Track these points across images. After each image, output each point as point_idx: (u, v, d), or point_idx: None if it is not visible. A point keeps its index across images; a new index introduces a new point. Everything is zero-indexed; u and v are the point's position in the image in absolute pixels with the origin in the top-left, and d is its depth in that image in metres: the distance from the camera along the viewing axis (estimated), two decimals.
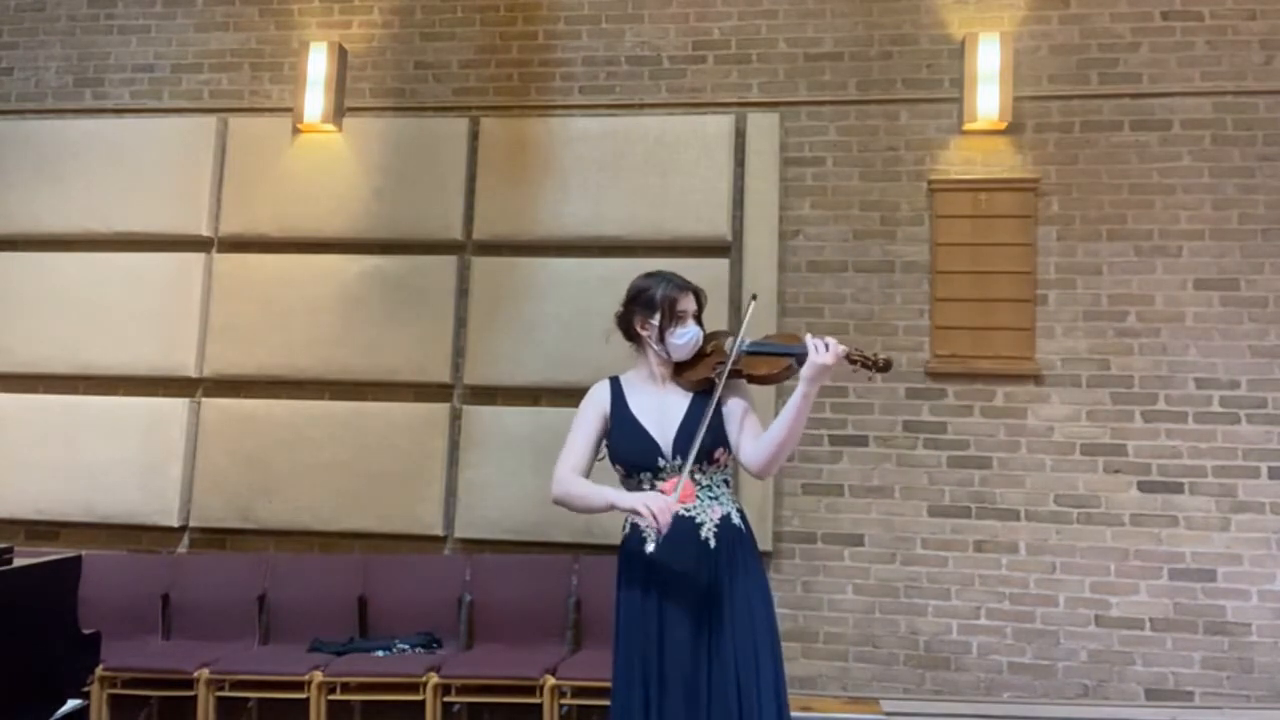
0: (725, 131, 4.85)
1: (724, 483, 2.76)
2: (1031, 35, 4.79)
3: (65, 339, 5.01)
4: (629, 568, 2.72)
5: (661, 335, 2.75)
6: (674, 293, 2.75)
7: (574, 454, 2.76)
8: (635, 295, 2.80)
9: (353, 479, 4.82)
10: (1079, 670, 4.47)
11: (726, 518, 2.71)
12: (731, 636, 2.61)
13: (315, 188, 5.01)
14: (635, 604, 2.67)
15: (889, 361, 2.64)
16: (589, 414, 2.79)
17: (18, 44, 5.38)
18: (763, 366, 2.72)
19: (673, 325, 2.74)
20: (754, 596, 2.67)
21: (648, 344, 2.79)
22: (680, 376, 2.79)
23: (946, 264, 4.71)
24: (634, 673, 2.64)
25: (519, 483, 4.74)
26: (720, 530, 2.68)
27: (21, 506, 4.85)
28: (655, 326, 2.75)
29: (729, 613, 2.62)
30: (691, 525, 2.66)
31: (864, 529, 4.63)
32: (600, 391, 2.82)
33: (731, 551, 2.68)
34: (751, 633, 2.63)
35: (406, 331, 4.88)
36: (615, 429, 2.75)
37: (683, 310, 2.75)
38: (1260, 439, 4.49)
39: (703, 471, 2.70)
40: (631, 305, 2.80)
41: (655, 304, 2.74)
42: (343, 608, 4.63)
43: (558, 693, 4.09)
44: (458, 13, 5.14)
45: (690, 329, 2.76)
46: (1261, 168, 4.61)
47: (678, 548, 2.61)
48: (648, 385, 2.80)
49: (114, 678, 4.22)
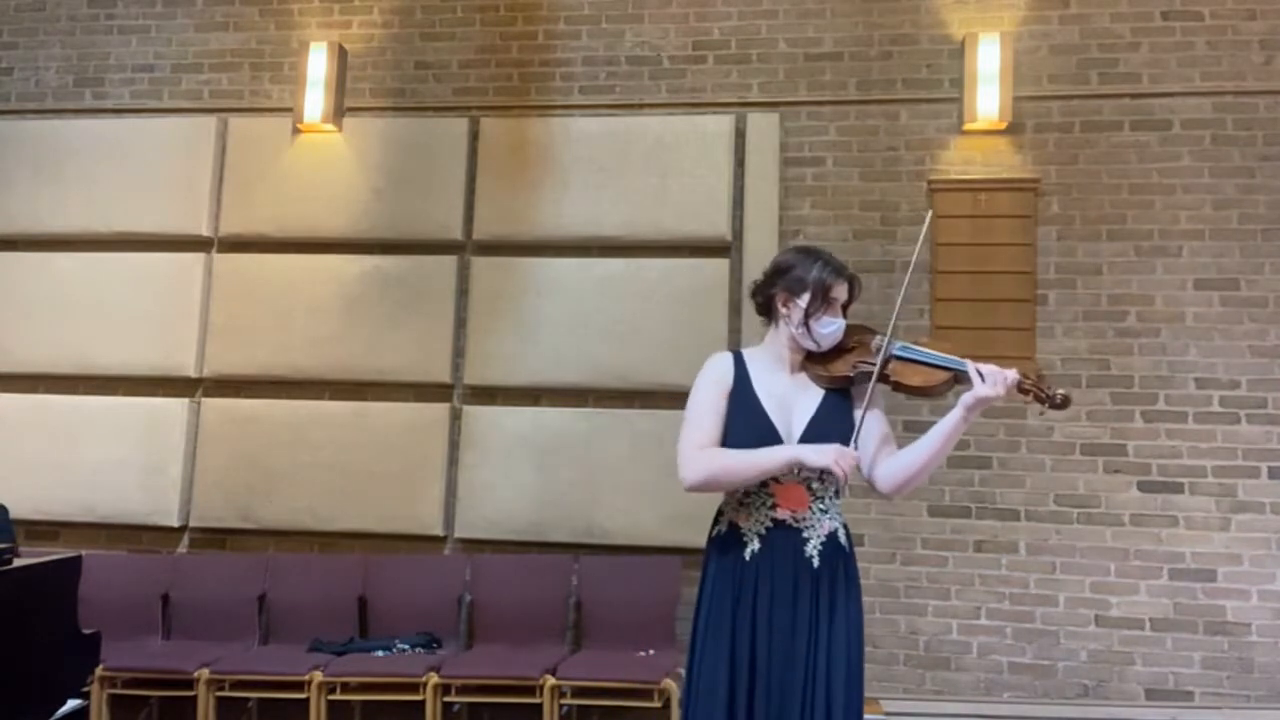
0: (725, 132, 4.85)
1: (836, 494, 2.53)
2: (1031, 35, 4.79)
3: (65, 339, 5.01)
4: (723, 571, 2.52)
5: (806, 320, 2.50)
6: (830, 277, 2.52)
7: (703, 433, 2.48)
8: (784, 269, 2.56)
9: (353, 479, 4.82)
10: (1079, 670, 4.47)
11: (834, 535, 2.51)
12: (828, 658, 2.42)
13: (315, 188, 5.01)
14: (726, 610, 2.47)
15: (1067, 398, 2.39)
16: (711, 391, 2.52)
17: (18, 44, 5.38)
18: (917, 376, 2.46)
19: (821, 312, 2.51)
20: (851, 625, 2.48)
21: (785, 324, 2.55)
22: (815, 367, 2.55)
23: (946, 264, 4.71)
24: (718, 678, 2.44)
25: (519, 483, 4.74)
26: (825, 548, 2.48)
27: (21, 506, 4.83)
28: (801, 309, 2.50)
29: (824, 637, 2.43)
30: (797, 538, 2.47)
31: (864, 529, 4.62)
32: (722, 365, 2.56)
33: (834, 572, 2.49)
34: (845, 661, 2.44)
35: (406, 331, 4.88)
36: (734, 408, 2.50)
37: (835, 297, 2.53)
38: (1260, 439, 4.49)
39: (821, 481, 2.48)
40: (775, 278, 2.56)
41: (806, 284, 2.50)
42: (343, 608, 4.63)
43: (558, 693, 4.09)
44: (458, 13, 5.14)
45: (839, 319, 2.54)
46: (1261, 168, 4.61)
47: (780, 560, 2.45)
48: (777, 368, 2.56)
49: (114, 678, 4.21)
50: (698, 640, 2.54)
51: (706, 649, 2.50)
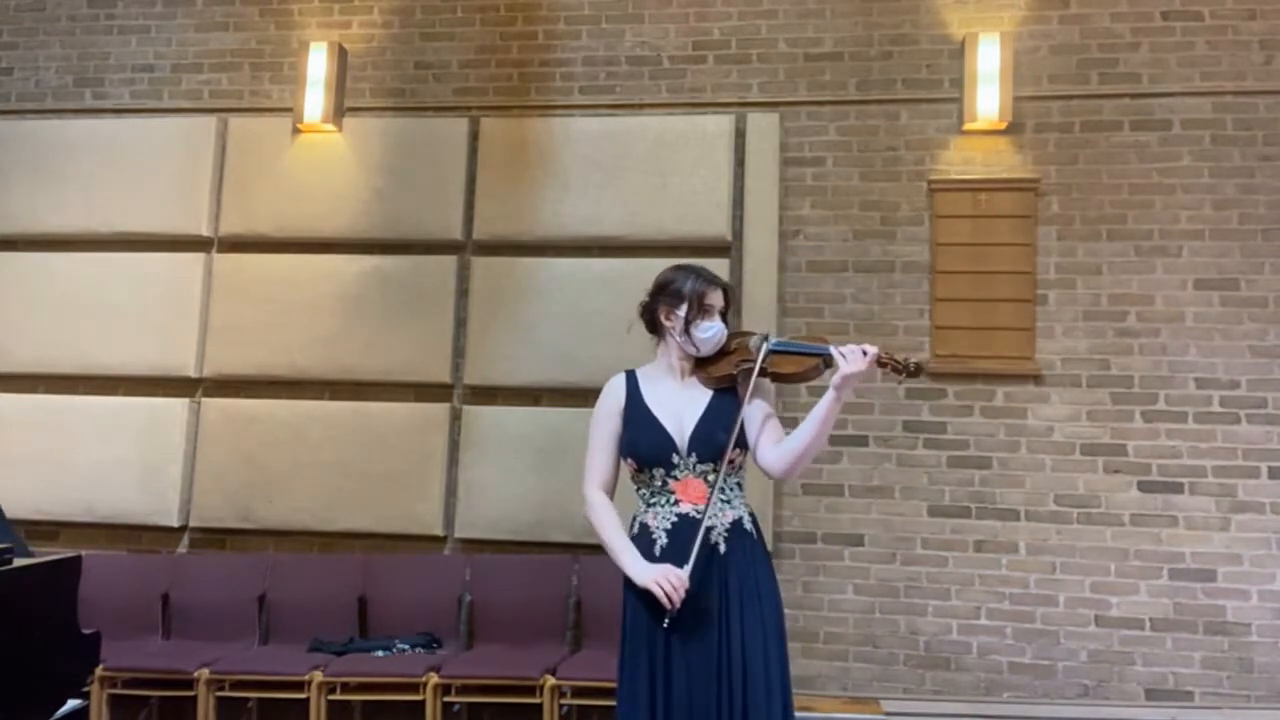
0: (725, 131, 4.85)
1: (737, 485, 2.71)
2: (1031, 35, 4.79)
3: (65, 339, 5.01)
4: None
5: (687, 328, 2.70)
6: (703, 286, 2.72)
7: (597, 470, 2.74)
8: (663, 286, 2.76)
9: (353, 479, 4.82)
10: (1079, 670, 4.47)
11: (738, 522, 2.67)
12: (740, 637, 2.57)
13: (315, 188, 5.01)
14: (643, 610, 2.61)
15: (920, 366, 2.64)
16: (603, 423, 2.75)
17: (18, 44, 5.38)
18: (790, 365, 2.70)
19: (699, 319, 2.70)
20: (764, 598, 2.63)
21: (670, 336, 2.75)
22: (701, 372, 2.74)
23: (946, 264, 4.71)
24: (640, 671, 2.60)
25: (519, 483, 4.74)
26: (731, 535, 2.64)
27: (21, 506, 4.83)
28: (681, 318, 2.71)
29: (738, 614, 2.58)
30: (702, 529, 2.60)
31: (864, 529, 4.63)
32: (614, 389, 2.78)
33: (741, 556, 2.64)
34: (762, 635, 2.58)
35: (406, 331, 4.88)
36: (629, 422, 2.71)
37: (710, 304, 2.71)
38: (1260, 439, 4.49)
39: (717, 472, 2.64)
40: (657, 296, 2.76)
41: (683, 295, 2.71)
42: (343, 608, 4.63)
43: (558, 693, 4.09)
44: (458, 13, 5.14)
45: (716, 324, 2.72)
46: (1261, 168, 4.61)
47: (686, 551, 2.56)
48: (666, 378, 2.76)
49: (114, 678, 4.22)
50: (624, 645, 2.67)
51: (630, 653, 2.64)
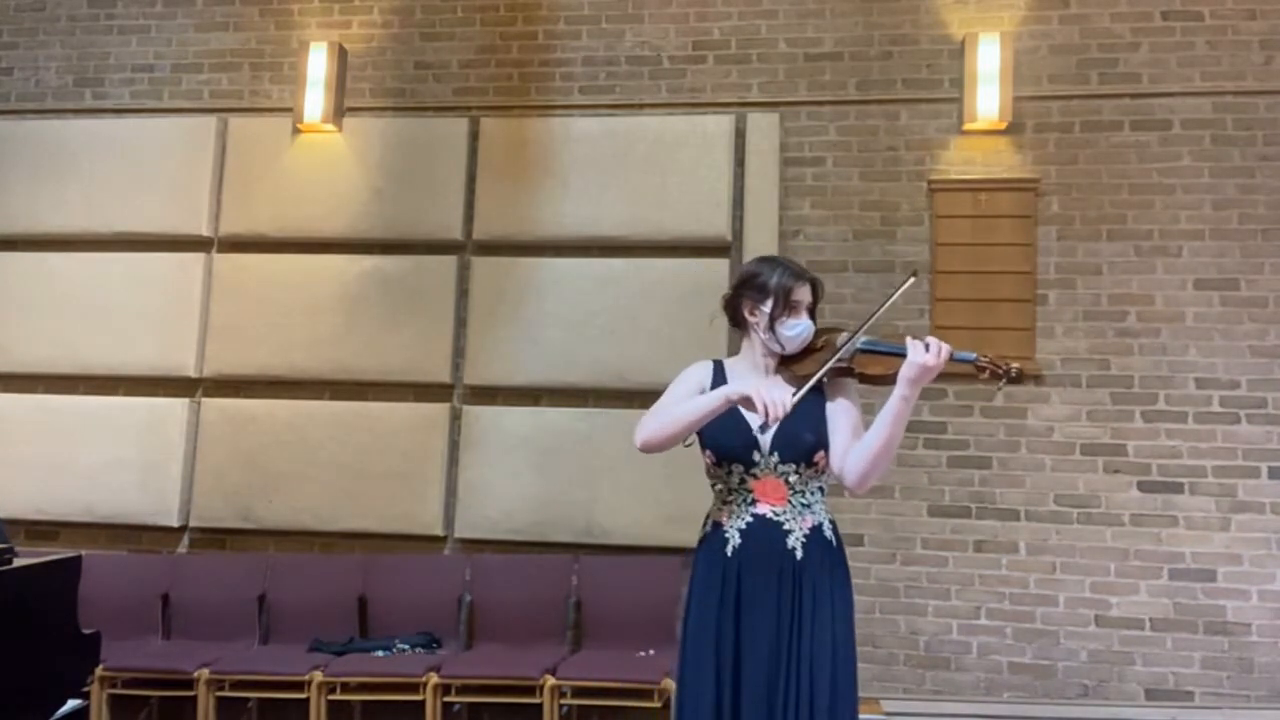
0: (725, 131, 4.85)
1: (819, 490, 2.59)
2: (1031, 35, 4.79)
3: (65, 339, 5.01)
4: (708, 570, 2.57)
5: (772, 324, 2.58)
6: (790, 281, 2.59)
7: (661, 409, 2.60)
8: (747, 279, 2.64)
9: (353, 479, 4.82)
10: (1079, 670, 4.46)
11: (818, 529, 2.55)
12: (810, 652, 2.46)
13: (315, 188, 5.01)
14: (710, 610, 2.51)
15: (1021, 371, 2.48)
16: (681, 388, 2.63)
17: (18, 44, 5.38)
18: (877, 366, 2.55)
19: (785, 315, 2.58)
20: (838, 614, 2.51)
21: (754, 331, 2.64)
22: (786, 370, 2.62)
23: (946, 264, 4.71)
24: (705, 680, 2.48)
25: (519, 483, 4.74)
26: (809, 542, 2.52)
27: (21, 506, 4.84)
28: (765, 314, 2.58)
29: (809, 628, 2.47)
30: (778, 531, 2.51)
31: (864, 529, 4.62)
32: (700, 370, 2.67)
33: (819, 566, 2.52)
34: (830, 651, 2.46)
35: (406, 331, 4.88)
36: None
37: (797, 300, 2.59)
38: (1260, 439, 4.49)
39: (798, 474, 2.54)
40: (741, 289, 2.65)
41: (768, 290, 2.58)
42: (343, 608, 4.63)
43: (558, 693, 4.09)
44: (458, 13, 5.14)
45: (803, 321, 2.60)
46: (1261, 168, 4.61)
47: (759, 553, 2.49)
48: (750, 374, 2.63)
49: (114, 678, 4.22)
50: (687, 644, 2.58)
51: (693, 653, 2.54)
